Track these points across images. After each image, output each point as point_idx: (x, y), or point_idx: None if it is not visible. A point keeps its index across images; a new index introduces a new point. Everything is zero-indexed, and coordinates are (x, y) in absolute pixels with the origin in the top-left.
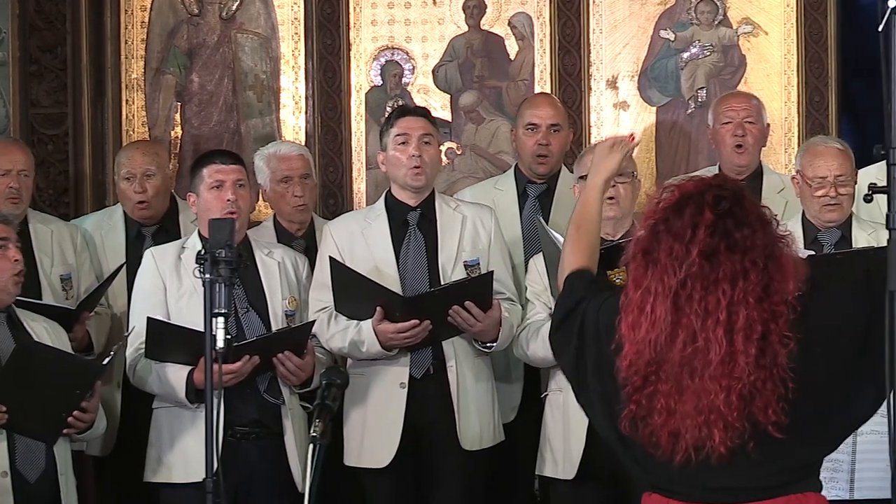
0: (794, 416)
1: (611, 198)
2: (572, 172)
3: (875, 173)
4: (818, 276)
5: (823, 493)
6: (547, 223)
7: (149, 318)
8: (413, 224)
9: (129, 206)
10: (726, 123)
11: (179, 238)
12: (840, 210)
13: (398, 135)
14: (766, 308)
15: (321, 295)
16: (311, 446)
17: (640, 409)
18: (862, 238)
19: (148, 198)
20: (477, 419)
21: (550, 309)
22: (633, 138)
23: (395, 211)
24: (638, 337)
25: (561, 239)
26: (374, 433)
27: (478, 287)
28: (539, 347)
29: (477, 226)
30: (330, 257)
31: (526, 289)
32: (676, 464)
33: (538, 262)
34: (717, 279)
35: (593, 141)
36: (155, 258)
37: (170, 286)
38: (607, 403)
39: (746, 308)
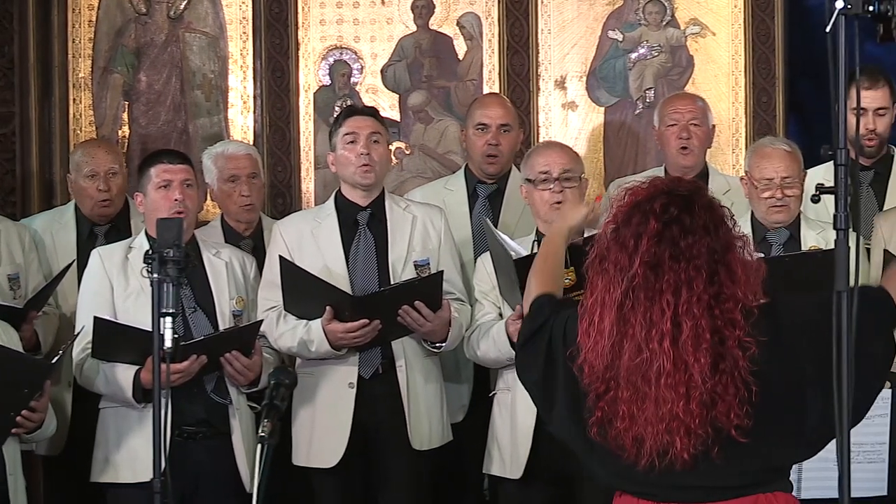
0: (758, 419)
1: (558, 202)
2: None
3: (823, 174)
4: (780, 278)
5: None
6: (497, 223)
7: (95, 318)
8: (363, 224)
9: (87, 205)
10: (672, 126)
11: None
12: (787, 211)
13: (346, 134)
14: (719, 315)
15: (270, 294)
16: (259, 446)
17: (605, 415)
18: (811, 238)
19: (112, 196)
20: (426, 419)
21: (499, 308)
22: (600, 200)
23: (345, 211)
24: (590, 345)
25: (508, 240)
26: (323, 433)
27: (427, 287)
28: (490, 348)
29: (427, 226)
30: (280, 256)
31: (474, 289)
32: (641, 468)
33: (486, 261)
34: (660, 289)
35: (542, 140)
36: (102, 258)
37: (117, 286)
38: (575, 411)
39: (692, 318)
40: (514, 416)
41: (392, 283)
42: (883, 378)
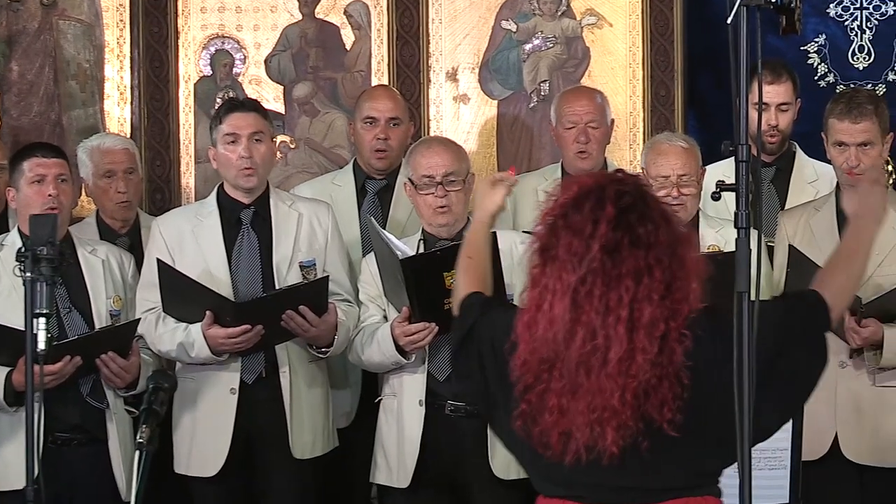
0: (688, 415)
1: (442, 206)
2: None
3: (723, 170)
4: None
5: None
6: (387, 220)
7: None
8: (246, 223)
9: None
10: (569, 128)
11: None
12: (684, 210)
13: (227, 134)
14: (668, 306)
15: (149, 295)
16: (136, 453)
17: (530, 408)
18: (709, 236)
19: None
20: (310, 426)
21: (384, 311)
22: (513, 172)
23: (228, 208)
24: (535, 335)
25: (393, 239)
26: (204, 440)
27: (313, 292)
28: (374, 352)
29: (314, 224)
30: (158, 259)
31: (358, 290)
32: (567, 464)
33: (370, 262)
34: (619, 275)
35: (432, 134)
36: None
37: None
38: (507, 409)
39: (650, 305)
40: (401, 422)
41: (276, 286)
42: (805, 387)
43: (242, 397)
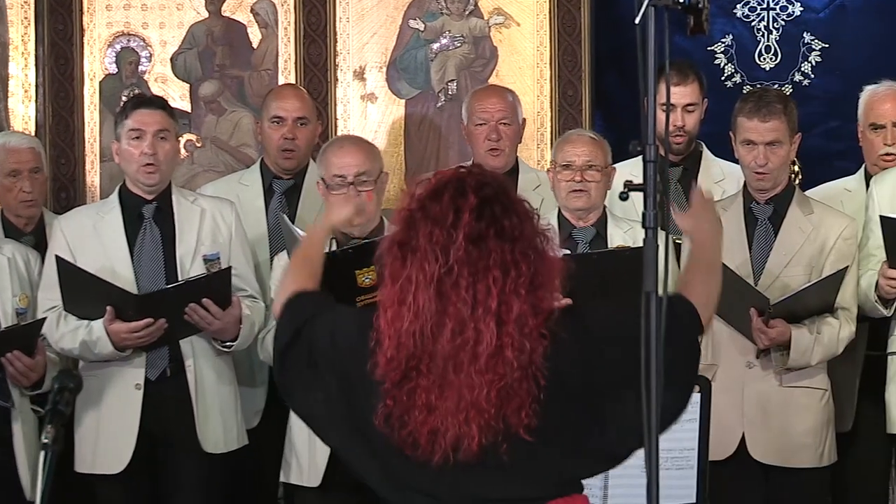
0: (544, 419)
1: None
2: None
3: (630, 169)
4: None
5: None
6: (294, 220)
7: None
8: (148, 217)
9: None
10: (480, 125)
11: None
12: (587, 197)
13: (132, 129)
14: (532, 302)
15: (50, 294)
16: (42, 453)
17: (397, 407)
18: (618, 236)
19: None
20: (218, 421)
21: None
22: (370, 198)
23: (129, 204)
24: (400, 330)
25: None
26: (108, 438)
27: (216, 284)
28: None
29: (217, 219)
30: (56, 256)
31: (270, 289)
32: (434, 464)
33: (282, 259)
34: (487, 266)
35: (340, 134)
36: None
37: None
38: (367, 409)
39: (518, 299)
40: None
41: (180, 278)
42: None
43: (147, 393)
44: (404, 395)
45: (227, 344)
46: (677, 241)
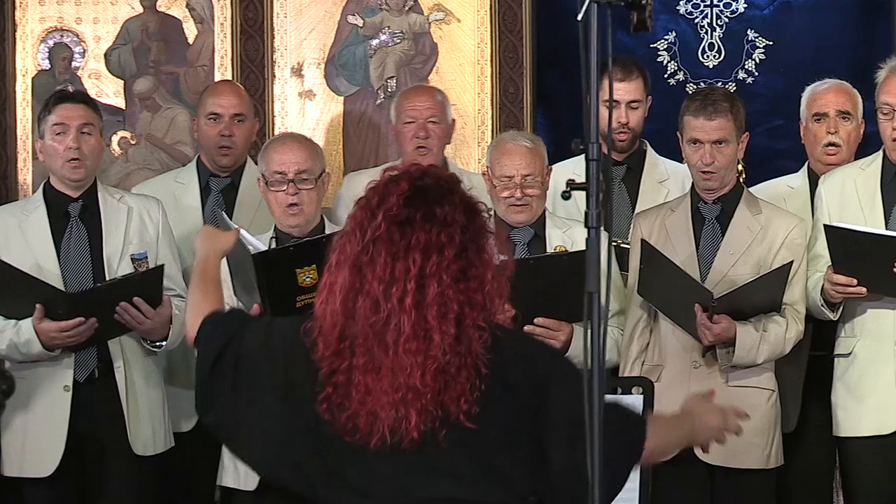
0: (485, 408)
1: (292, 205)
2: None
3: (572, 168)
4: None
5: None
6: (231, 218)
7: None
8: (75, 216)
9: None
10: (409, 123)
11: None
12: (529, 211)
13: (56, 124)
14: (463, 290)
15: None
16: None
17: (337, 392)
18: (556, 237)
19: None
20: (148, 422)
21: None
22: (239, 231)
23: (55, 202)
24: (327, 311)
25: (246, 234)
26: (37, 440)
27: (147, 283)
28: None
29: (143, 217)
30: None
31: None
32: (371, 449)
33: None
34: (407, 247)
35: (277, 131)
36: None
37: None
38: (310, 398)
39: (440, 284)
40: None
41: (108, 278)
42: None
43: (76, 395)
44: (342, 376)
45: (158, 344)
46: (625, 244)
